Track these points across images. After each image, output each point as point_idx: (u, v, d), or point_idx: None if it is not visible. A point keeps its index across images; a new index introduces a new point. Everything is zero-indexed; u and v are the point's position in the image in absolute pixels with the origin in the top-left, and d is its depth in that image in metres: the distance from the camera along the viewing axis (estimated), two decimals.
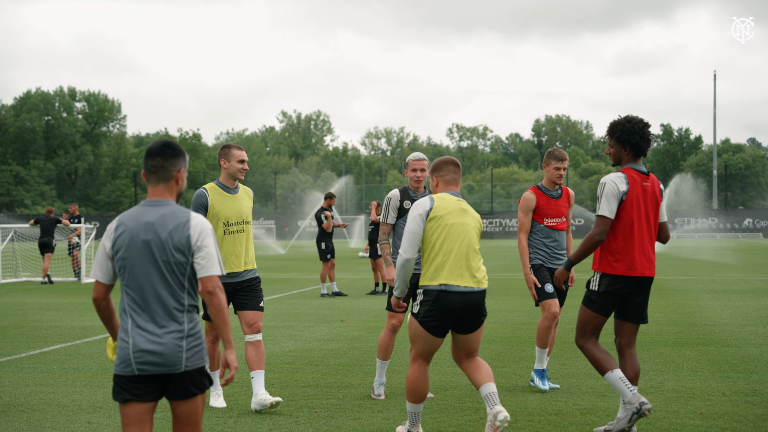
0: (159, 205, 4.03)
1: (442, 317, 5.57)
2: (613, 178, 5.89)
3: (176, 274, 3.96)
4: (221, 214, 7.05)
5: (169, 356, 3.87)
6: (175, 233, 3.93)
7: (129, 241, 3.95)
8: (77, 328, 13.15)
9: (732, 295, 18.44)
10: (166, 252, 3.92)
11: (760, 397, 7.39)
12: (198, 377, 3.98)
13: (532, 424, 6.45)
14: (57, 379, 8.76)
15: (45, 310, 16.31)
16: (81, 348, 10.97)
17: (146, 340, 3.84)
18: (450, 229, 5.66)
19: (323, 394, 7.87)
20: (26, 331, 12.77)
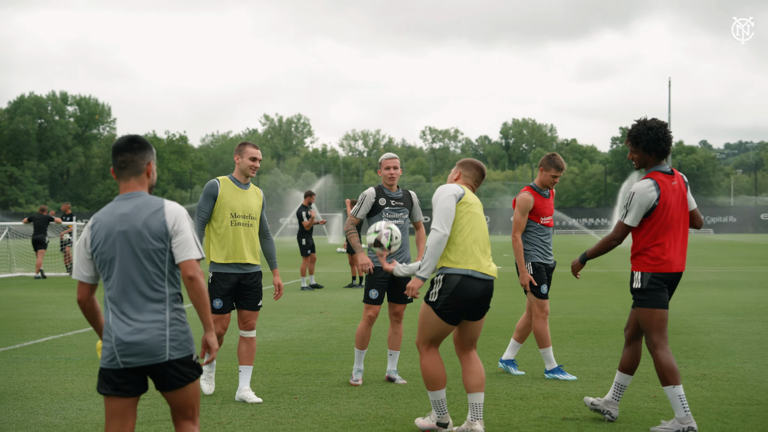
0: (132, 197, 3.97)
1: (462, 304, 5.45)
2: (644, 189, 5.72)
3: (155, 262, 3.89)
4: (229, 204, 7.03)
5: (152, 346, 3.78)
6: (150, 221, 3.86)
7: (105, 235, 3.89)
8: (69, 320, 13.15)
9: (684, 286, 18.41)
10: (143, 240, 3.85)
11: (708, 381, 7.64)
12: (184, 367, 3.88)
13: (498, 408, 6.64)
14: (50, 368, 8.81)
15: (38, 303, 16.35)
16: (72, 339, 11.01)
17: (128, 333, 3.77)
18: (476, 217, 5.64)
19: (303, 381, 7.95)
20: (20, 323, 12.79)
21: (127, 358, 3.73)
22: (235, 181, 7.13)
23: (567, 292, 16.74)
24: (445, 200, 5.53)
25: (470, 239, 5.53)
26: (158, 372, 3.80)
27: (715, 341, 10.24)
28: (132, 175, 3.99)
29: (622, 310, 13.17)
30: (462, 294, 5.38)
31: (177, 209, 3.99)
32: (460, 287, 5.37)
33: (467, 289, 5.39)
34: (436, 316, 5.49)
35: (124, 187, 3.97)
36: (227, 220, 6.96)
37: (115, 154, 4.02)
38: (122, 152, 3.99)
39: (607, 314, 13.08)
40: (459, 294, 5.37)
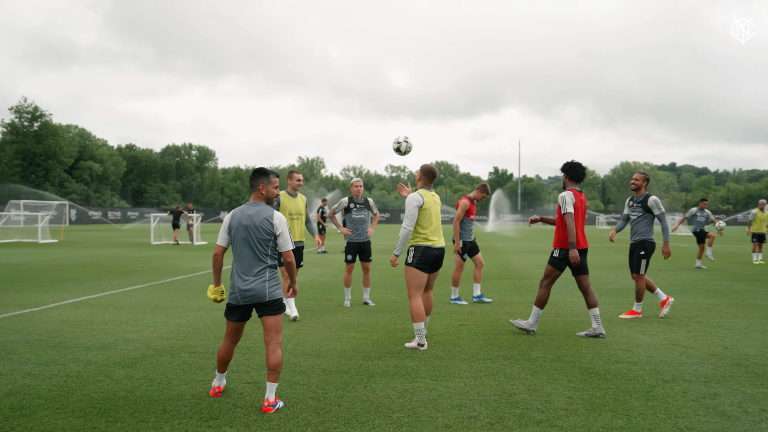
0: (256, 205, 5.32)
1: (426, 261, 7.36)
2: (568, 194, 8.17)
3: (263, 245, 5.21)
4: (287, 208, 9.50)
5: (258, 292, 5.16)
6: (264, 222, 5.20)
7: (237, 224, 5.22)
8: (190, 267, 17.15)
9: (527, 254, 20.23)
10: (259, 232, 5.18)
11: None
12: (276, 303, 5.24)
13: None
14: (179, 293, 11.85)
15: (174, 258, 20.56)
16: (193, 278, 14.38)
17: (243, 284, 5.16)
18: (431, 214, 7.47)
19: (317, 303, 10.49)
20: (164, 269, 16.63)
21: (244, 299, 5.19)
22: (289, 194, 9.66)
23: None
24: (411, 209, 7.36)
25: (428, 228, 7.45)
26: (261, 305, 5.21)
27: None
28: (254, 191, 5.43)
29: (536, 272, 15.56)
30: (426, 257, 7.37)
31: (280, 218, 5.31)
32: (425, 253, 7.38)
33: (428, 254, 7.39)
34: (415, 269, 7.39)
35: (252, 197, 5.44)
36: (287, 216, 9.33)
37: (250, 178, 5.48)
38: (251, 178, 5.46)
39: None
40: (424, 257, 7.37)
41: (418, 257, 7.40)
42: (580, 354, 7.16)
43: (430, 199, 7.61)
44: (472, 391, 5.70)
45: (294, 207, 9.60)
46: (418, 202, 7.47)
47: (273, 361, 5.10)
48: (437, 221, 7.60)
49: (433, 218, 7.55)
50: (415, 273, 7.42)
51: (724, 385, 5.93)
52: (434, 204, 7.64)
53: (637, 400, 5.46)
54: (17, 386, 5.80)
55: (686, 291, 12.88)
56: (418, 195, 7.53)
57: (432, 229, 7.52)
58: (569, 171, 8.47)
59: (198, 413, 5.06)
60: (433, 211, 7.58)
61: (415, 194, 7.55)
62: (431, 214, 7.55)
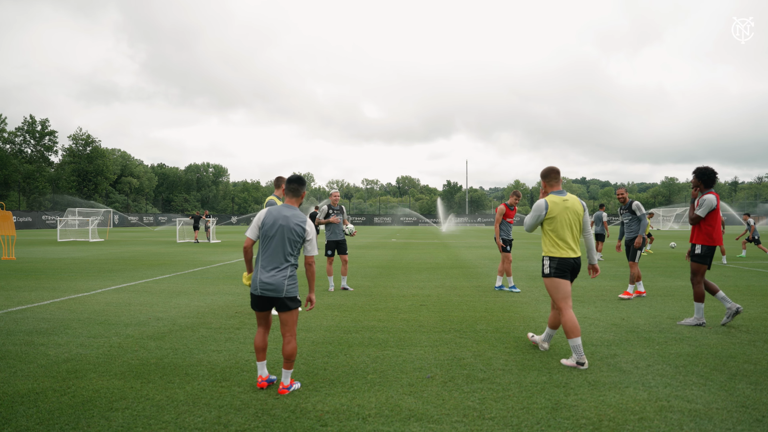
0: (291, 209, 4.65)
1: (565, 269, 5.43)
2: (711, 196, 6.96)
3: (291, 245, 4.56)
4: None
5: (277, 286, 4.48)
6: (297, 226, 4.56)
7: (272, 222, 4.56)
8: (209, 261, 16.59)
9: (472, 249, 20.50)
10: (291, 233, 4.55)
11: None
12: (292, 300, 4.53)
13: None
14: (199, 281, 11.54)
15: (195, 253, 19.68)
16: (210, 270, 14.06)
17: (266, 277, 4.49)
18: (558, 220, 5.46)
19: (302, 291, 10.47)
20: (187, 262, 16.03)
21: (263, 290, 4.51)
22: (279, 198, 9.05)
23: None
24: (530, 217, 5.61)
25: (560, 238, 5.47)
26: (278, 300, 4.52)
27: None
28: (294, 196, 4.74)
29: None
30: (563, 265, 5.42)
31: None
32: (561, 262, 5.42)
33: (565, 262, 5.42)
34: (555, 279, 5.45)
35: (288, 200, 4.73)
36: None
37: (288, 182, 4.75)
38: (293, 182, 4.75)
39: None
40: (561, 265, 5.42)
41: (555, 266, 5.48)
42: (513, 326, 7.19)
43: (560, 205, 5.53)
44: (430, 356, 5.70)
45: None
46: (541, 210, 5.55)
47: (287, 351, 4.58)
48: (572, 230, 5.53)
49: (563, 227, 5.50)
50: (557, 282, 5.48)
51: (621, 348, 6.01)
52: (565, 211, 5.52)
53: (557, 361, 5.49)
54: (72, 354, 5.75)
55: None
56: (543, 202, 5.57)
57: (564, 239, 5.50)
58: (703, 176, 7.19)
59: (213, 376, 5.01)
60: (562, 219, 5.49)
61: (540, 201, 5.61)
62: (559, 223, 5.49)
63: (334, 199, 10.70)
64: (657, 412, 4.14)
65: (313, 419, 4.02)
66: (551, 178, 5.71)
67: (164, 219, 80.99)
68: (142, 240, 33.41)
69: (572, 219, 5.54)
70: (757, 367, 5.29)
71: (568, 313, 5.40)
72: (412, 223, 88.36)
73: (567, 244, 5.50)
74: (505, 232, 10.70)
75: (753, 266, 15.72)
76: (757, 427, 3.87)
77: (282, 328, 4.56)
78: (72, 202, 72.16)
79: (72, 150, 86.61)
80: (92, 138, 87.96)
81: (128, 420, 3.99)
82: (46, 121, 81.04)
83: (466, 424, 3.91)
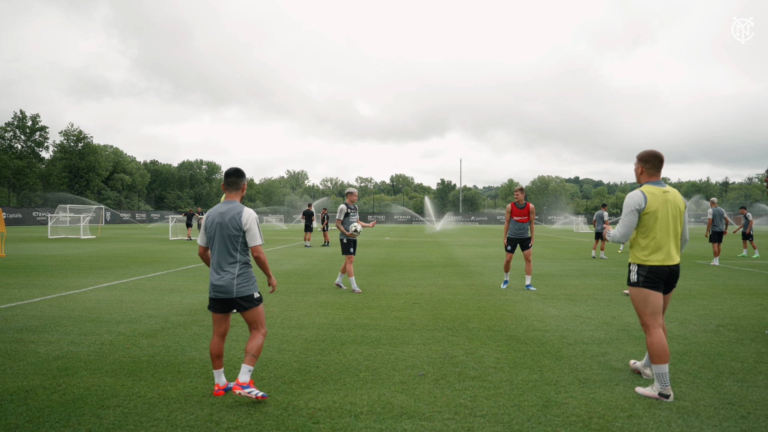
0: (228, 203, 4.40)
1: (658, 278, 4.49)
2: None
3: (231, 242, 4.31)
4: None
5: (227, 287, 4.28)
6: (232, 219, 4.31)
7: (211, 222, 4.39)
8: (197, 258, 16.33)
9: (466, 247, 20.94)
10: (228, 229, 4.30)
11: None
12: (246, 300, 4.31)
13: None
14: (191, 279, 11.41)
15: (187, 251, 19.55)
16: (203, 267, 13.81)
17: (216, 279, 4.31)
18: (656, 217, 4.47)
19: (301, 285, 10.29)
20: (177, 258, 15.85)
21: (215, 293, 4.34)
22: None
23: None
24: (626, 214, 4.50)
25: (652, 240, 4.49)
26: (230, 301, 4.33)
27: (482, 270, 12.63)
28: (234, 189, 4.48)
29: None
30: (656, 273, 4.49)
31: (249, 213, 4.34)
32: (653, 270, 4.48)
33: (658, 271, 4.48)
34: (644, 290, 4.49)
35: (228, 196, 4.50)
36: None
37: (226, 176, 4.50)
38: (231, 176, 4.50)
39: None
40: (653, 273, 4.49)
41: (644, 275, 4.50)
42: (505, 325, 7.23)
43: (660, 198, 4.52)
44: (422, 354, 5.72)
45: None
46: (638, 204, 4.50)
47: (249, 343, 4.33)
48: (669, 228, 4.51)
49: (662, 225, 4.48)
50: (645, 294, 4.49)
51: (612, 346, 6.05)
52: (665, 205, 4.51)
53: (548, 359, 5.53)
54: (63, 352, 5.72)
55: (586, 275, 13.10)
56: (640, 194, 4.53)
57: (657, 241, 4.49)
58: None
59: (205, 373, 5.01)
60: (663, 216, 4.49)
61: (636, 192, 4.57)
62: (657, 220, 4.48)
63: (352, 198, 10.22)
64: (646, 409, 4.18)
65: (305, 417, 4.03)
66: (652, 165, 4.63)
67: (157, 216, 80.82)
68: (135, 237, 33.27)
69: (674, 215, 4.53)
70: (744, 365, 5.35)
71: (656, 333, 4.47)
72: (406, 221, 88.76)
73: (664, 247, 4.48)
74: (514, 232, 10.48)
75: (743, 266, 15.85)
76: (743, 424, 3.92)
77: (249, 328, 4.43)
78: (63, 199, 71.69)
79: (63, 146, 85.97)
80: (84, 134, 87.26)
81: (119, 418, 3.99)
82: (36, 117, 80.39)
83: (458, 422, 3.94)
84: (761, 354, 5.76)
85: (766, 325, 7.22)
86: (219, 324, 4.43)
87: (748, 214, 19.62)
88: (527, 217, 10.40)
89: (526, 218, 10.39)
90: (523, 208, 10.40)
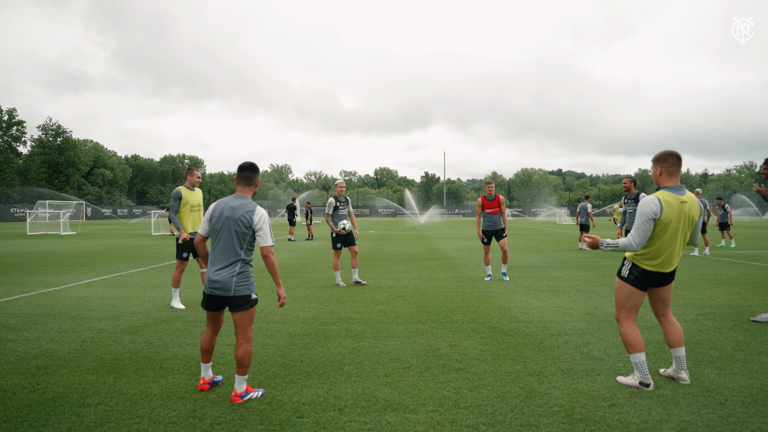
0: (240, 198, 4.28)
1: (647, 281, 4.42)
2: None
3: (239, 239, 4.17)
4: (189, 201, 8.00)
5: (225, 284, 4.13)
6: (245, 216, 4.17)
7: (219, 214, 4.23)
8: None
9: (450, 240, 21.21)
10: (238, 225, 4.16)
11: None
12: (242, 299, 4.15)
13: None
14: (168, 274, 11.25)
15: (170, 246, 19.34)
16: None
17: (214, 274, 4.16)
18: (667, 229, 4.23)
19: (289, 279, 10.25)
20: (161, 254, 15.70)
21: (212, 288, 4.19)
22: (188, 188, 8.11)
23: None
24: (641, 222, 4.20)
25: (657, 250, 4.29)
26: (227, 299, 4.17)
27: (465, 261, 12.78)
28: (247, 185, 4.35)
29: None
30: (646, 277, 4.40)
31: (262, 213, 4.22)
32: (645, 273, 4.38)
33: (650, 275, 4.40)
34: (630, 287, 4.42)
35: (240, 191, 4.35)
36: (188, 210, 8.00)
37: (240, 170, 4.34)
38: (245, 170, 4.35)
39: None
40: (644, 277, 4.39)
41: (636, 275, 4.41)
42: (489, 317, 7.27)
43: (676, 208, 4.23)
44: (406, 347, 5.73)
45: (195, 200, 8.16)
46: (654, 213, 4.20)
47: (239, 354, 4.17)
48: (677, 240, 4.29)
49: (671, 238, 4.26)
50: (631, 291, 4.43)
51: (594, 336, 6.12)
52: (680, 217, 4.24)
53: (532, 350, 5.58)
54: (42, 350, 5.63)
55: (568, 266, 13.23)
56: (657, 202, 4.21)
57: (660, 250, 4.29)
58: None
59: (188, 369, 4.97)
60: (674, 228, 4.24)
61: (651, 199, 4.25)
62: (667, 232, 4.24)
63: (339, 191, 10.01)
64: (627, 398, 4.23)
65: (289, 411, 4.02)
66: (671, 164, 4.32)
67: (139, 211, 79.85)
68: (116, 233, 32.85)
69: (684, 228, 4.30)
70: (721, 353, 5.45)
71: (628, 324, 4.46)
72: (390, 214, 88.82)
73: (664, 256, 4.31)
74: (487, 224, 10.61)
75: (721, 256, 16.11)
76: (720, 410, 3.99)
77: (235, 330, 4.22)
78: (42, 195, 70.60)
79: (42, 141, 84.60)
80: (63, 128, 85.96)
81: (101, 415, 3.95)
82: (13, 111, 78.82)
83: (442, 414, 3.96)
84: (738, 342, 5.86)
85: (743, 313, 7.35)
86: (214, 321, 4.35)
87: (726, 205, 19.97)
88: (498, 208, 10.55)
89: (497, 209, 10.54)
90: (494, 200, 10.54)
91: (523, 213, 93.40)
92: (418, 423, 3.80)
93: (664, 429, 3.68)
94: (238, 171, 4.35)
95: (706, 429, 3.68)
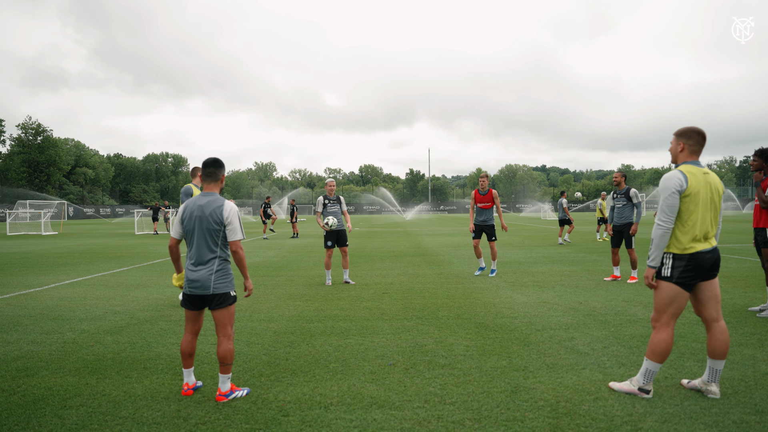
0: (207, 196, 4.22)
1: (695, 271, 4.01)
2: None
3: (211, 236, 4.13)
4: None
5: (204, 282, 4.11)
6: (213, 213, 4.13)
7: (189, 215, 4.18)
8: (166, 253, 15.97)
9: (435, 236, 21.29)
10: (209, 223, 4.12)
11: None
12: (222, 297, 4.13)
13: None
14: (158, 274, 11.23)
15: (154, 245, 19.19)
16: (169, 262, 13.53)
17: (192, 274, 4.14)
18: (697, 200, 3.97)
19: (271, 278, 10.23)
20: (146, 253, 15.57)
21: (191, 288, 4.17)
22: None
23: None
24: (667, 197, 3.97)
25: (690, 226, 3.97)
26: (206, 298, 4.16)
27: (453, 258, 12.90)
28: (213, 181, 4.31)
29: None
30: (694, 264, 3.99)
31: (231, 207, 4.17)
32: (692, 260, 3.98)
33: (698, 260, 3.99)
34: (675, 286, 4.02)
35: (206, 188, 4.31)
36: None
37: (204, 167, 4.30)
38: (209, 166, 4.30)
39: None
40: (692, 264, 3.99)
41: (682, 267, 4.00)
42: (474, 313, 7.29)
43: (701, 179, 4.02)
44: (392, 344, 5.73)
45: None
46: (679, 185, 3.98)
47: (220, 352, 4.14)
48: (710, 212, 4.04)
49: (699, 210, 3.98)
50: (676, 293, 4.02)
51: (579, 331, 6.16)
52: (707, 187, 4.03)
53: (517, 345, 5.60)
54: (23, 352, 5.54)
55: (553, 261, 13.32)
56: (680, 174, 4.01)
57: (699, 226, 3.99)
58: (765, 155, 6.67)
59: (172, 369, 4.92)
60: (704, 198, 4.01)
61: (675, 173, 4.03)
62: (697, 204, 3.99)
63: (329, 189, 9.93)
64: (611, 392, 4.26)
65: (274, 409, 4.00)
66: (695, 142, 4.11)
67: (122, 210, 79.06)
68: (99, 232, 32.48)
69: (715, 198, 4.07)
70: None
71: (665, 331, 4.08)
72: (375, 211, 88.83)
73: (705, 231, 4.01)
74: (478, 219, 10.60)
75: None
76: (702, 402, 4.04)
77: (216, 328, 4.18)
78: (22, 195, 69.57)
79: (21, 140, 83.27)
80: (43, 127, 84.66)
81: (83, 417, 3.89)
82: None
83: (428, 410, 3.96)
84: None
85: (724, 306, 7.45)
86: (193, 322, 4.26)
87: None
88: (491, 203, 10.51)
89: (489, 204, 10.49)
90: (486, 195, 10.49)
91: (508, 209, 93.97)
92: (404, 419, 3.80)
93: (648, 421, 3.71)
94: (203, 167, 4.30)
95: (689, 421, 3.72)
